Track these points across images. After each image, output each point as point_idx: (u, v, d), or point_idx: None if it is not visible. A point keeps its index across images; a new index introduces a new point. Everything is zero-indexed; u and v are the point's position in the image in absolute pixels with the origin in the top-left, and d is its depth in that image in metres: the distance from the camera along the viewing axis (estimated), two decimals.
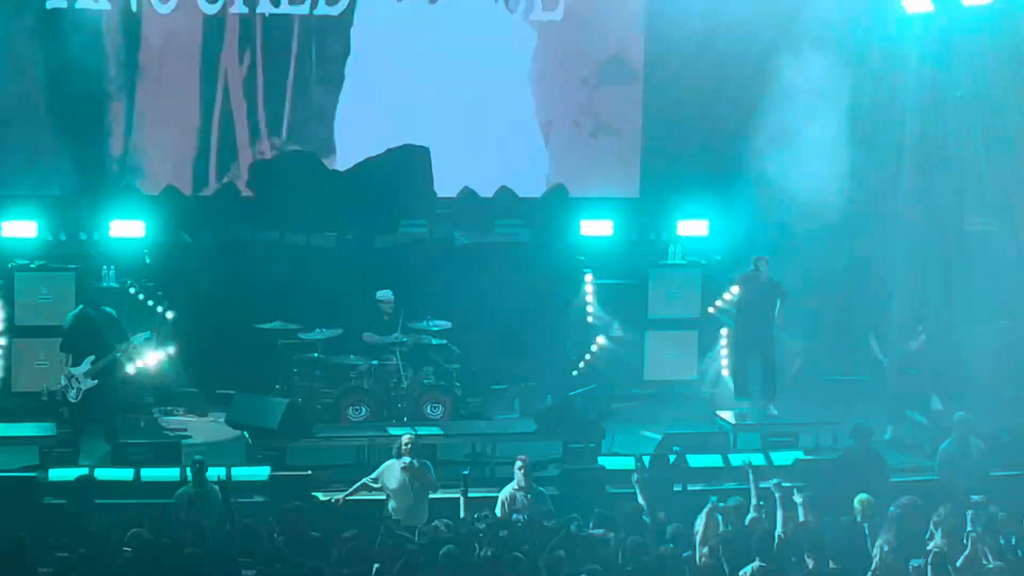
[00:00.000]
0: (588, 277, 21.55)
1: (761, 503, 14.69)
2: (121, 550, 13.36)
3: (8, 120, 20.72)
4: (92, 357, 18.28)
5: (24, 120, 20.84)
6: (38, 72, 20.81)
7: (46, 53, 20.72)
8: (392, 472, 15.95)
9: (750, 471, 15.05)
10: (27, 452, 17.81)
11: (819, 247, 20.35)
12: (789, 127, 20.62)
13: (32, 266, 20.30)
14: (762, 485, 14.92)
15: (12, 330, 20.10)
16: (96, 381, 18.27)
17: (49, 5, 20.79)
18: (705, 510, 14.36)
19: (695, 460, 17.48)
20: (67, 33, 20.63)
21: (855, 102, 20.38)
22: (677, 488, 16.04)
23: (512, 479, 15.93)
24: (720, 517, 14.36)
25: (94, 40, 20.89)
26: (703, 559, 13.71)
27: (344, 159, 21.83)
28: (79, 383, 18.23)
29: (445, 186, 22.03)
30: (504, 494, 15.80)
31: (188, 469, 16.10)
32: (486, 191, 22.28)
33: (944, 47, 20.04)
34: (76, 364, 18.29)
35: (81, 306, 18.73)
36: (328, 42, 21.85)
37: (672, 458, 16.55)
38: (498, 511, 15.48)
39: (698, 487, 16.69)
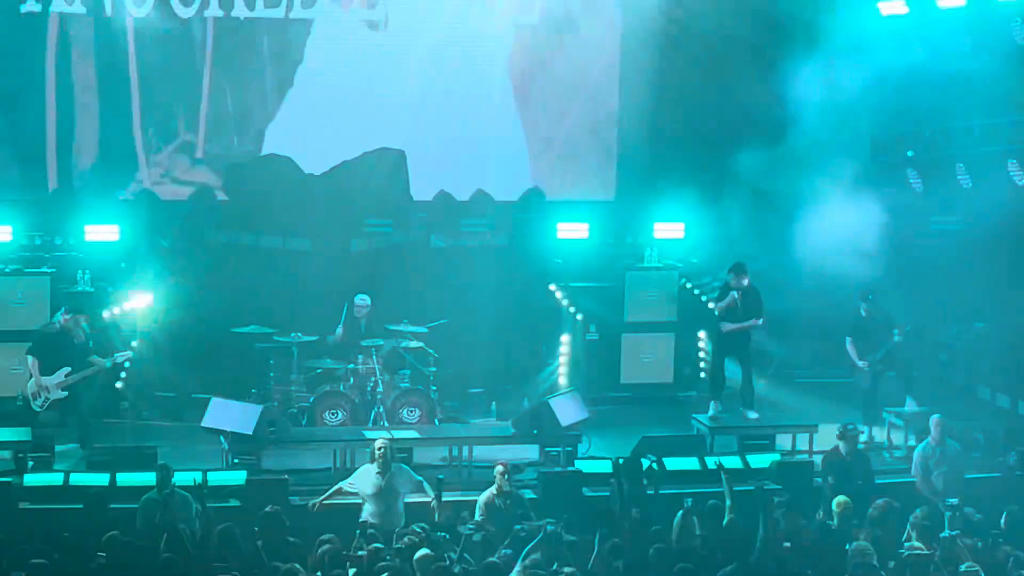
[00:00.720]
0: (552, 287, 21.56)
1: (737, 505, 14.70)
2: (96, 555, 13.30)
3: None
4: (68, 368, 18.17)
5: None
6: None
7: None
8: (368, 476, 15.91)
9: (723, 474, 15.05)
10: (1, 457, 17.74)
11: (794, 248, 20.35)
12: (765, 129, 20.66)
13: (7, 270, 20.21)
14: (740, 488, 14.94)
15: None
16: (67, 393, 18.17)
17: (23, 9, 20.72)
18: (680, 513, 14.37)
19: (672, 463, 17.48)
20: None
21: (830, 103, 20.40)
22: (650, 492, 16.01)
23: (489, 483, 15.89)
24: (696, 519, 14.37)
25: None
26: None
27: (319, 163, 21.76)
28: (48, 392, 18.12)
29: (421, 190, 22.01)
30: (482, 499, 15.77)
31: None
32: (462, 195, 22.26)
33: (919, 48, 20.09)
34: (46, 372, 18.17)
35: (62, 313, 18.58)
36: (291, 42, 21.75)
37: (646, 463, 16.52)
38: (477, 515, 15.45)
39: (675, 490, 16.68)
